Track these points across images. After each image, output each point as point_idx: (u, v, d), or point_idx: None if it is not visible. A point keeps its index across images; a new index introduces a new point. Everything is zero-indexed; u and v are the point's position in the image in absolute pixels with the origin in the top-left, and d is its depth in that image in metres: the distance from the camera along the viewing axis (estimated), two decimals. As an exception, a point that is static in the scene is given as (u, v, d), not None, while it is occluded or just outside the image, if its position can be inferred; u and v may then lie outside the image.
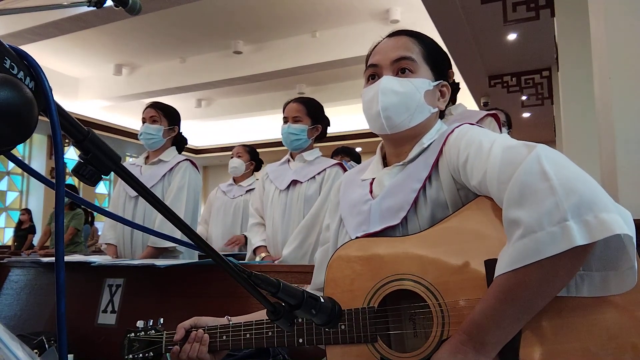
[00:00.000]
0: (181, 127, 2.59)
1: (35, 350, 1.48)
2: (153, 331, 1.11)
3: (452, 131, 0.99)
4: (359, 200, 1.06)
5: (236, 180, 3.58)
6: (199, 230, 3.50)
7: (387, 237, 0.97)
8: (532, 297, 0.75)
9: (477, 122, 1.39)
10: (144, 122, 2.45)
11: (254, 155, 3.63)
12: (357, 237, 0.99)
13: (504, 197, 0.78)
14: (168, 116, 2.49)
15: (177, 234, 1.70)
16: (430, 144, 1.02)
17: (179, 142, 2.59)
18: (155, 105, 2.49)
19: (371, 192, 1.06)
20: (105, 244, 2.44)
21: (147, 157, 2.54)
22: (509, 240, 0.76)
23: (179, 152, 2.57)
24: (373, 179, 1.08)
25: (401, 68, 1.01)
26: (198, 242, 0.55)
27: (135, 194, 2.38)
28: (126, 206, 2.41)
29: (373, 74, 1.05)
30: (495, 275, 0.77)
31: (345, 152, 3.80)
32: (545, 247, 0.70)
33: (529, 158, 0.76)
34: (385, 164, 1.10)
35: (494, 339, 0.78)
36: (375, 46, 1.09)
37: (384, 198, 1.00)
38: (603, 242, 0.72)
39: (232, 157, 3.64)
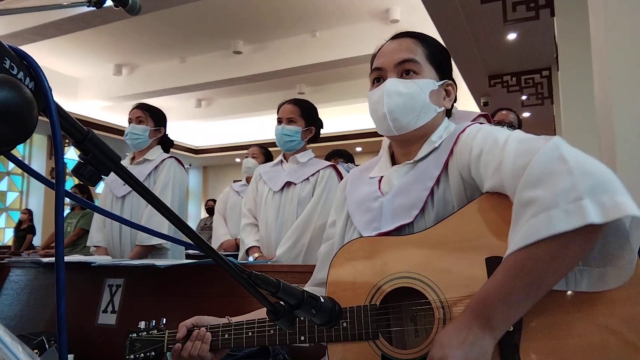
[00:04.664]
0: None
1: (35, 350, 1.48)
2: (155, 331, 1.11)
3: (464, 130, 1.00)
4: (368, 197, 1.07)
5: (249, 180, 3.61)
6: (216, 221, 3.57)
7: (392, 235, 0.98)
8: (542, 272, 0.75)
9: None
10: (130, 123, 2.45)
11: (269, 157, 3.66)
12: (368, 236, 1.00)
13: (520, 182, 0.78)
14: (154, 117, 2.48)
15: (164, 230, 1.83)
16: (441, 143, 1.03)
17: (165, 144, 2.57)
18: (141, 106, 2.49)
19: (379, 189, 1.07)
20: (94, 246, 2.44)
21: (132, 158, 2.53)
22: (520, 219, 0.77)
23: (166, 152, 2.56)
24: (381, 177, 1.09)
25: (405, 70, 1.02)
26: (197, 242, 0.55)
27: (122, 194, 2.40)
28: (113, 207, 2.41)
29: (378, 77, 1.06)
30: (505, 254, 0.78)
31: (339, 154, 3.81)
32: (558, 223, 0.71)
33: (548, 145, 0.78)
34: (393, 162, 1.11)
35: (501, 316, 0.77)
36: (379, 49, 1.09)
37: (396, 196, 1.01)
38: (603, 239, 0.74)
39: (246, 157, 3.67)
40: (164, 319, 1.13)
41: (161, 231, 0.58)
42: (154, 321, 1.13)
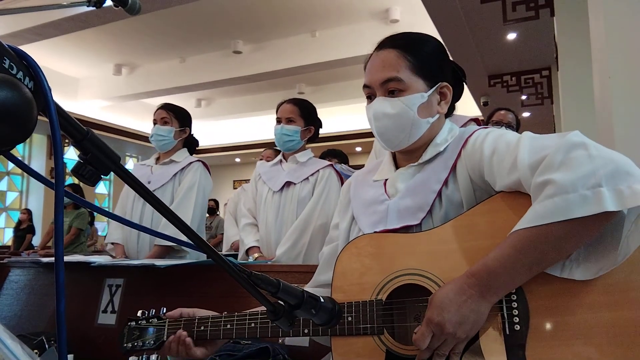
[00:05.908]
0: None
1: (35, 350, 1.48)
2: (155, 320, 1.08)
3: (472, 134, 1.01)
4: (374, 200, 1.07)
5: None
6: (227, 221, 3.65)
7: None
8: (549, 250, 0.77)
9: (461, 127, 1.39)
10: (155, 124, 2.44)
11: None
12: (376, 232, 1.00)
13: (537, 171, 0.79)
14: (179, 117, 2.48)
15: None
16: (447, 146, 1.04)
17: (190, 144, 2.57)
18: (166, 107, 2.48)
19: (385, 192, 1.07)
20: (112, 243, 2.41)
21: (157, 158, 2.53)
22: (536, 198, 0.78)
23: (191, 154, 2.56)
24: (386, 180, 1.10)
25: (389, 90, 1.02)
26: (197, 242, 0.55)
27: None
28: (135, 205, 2.39)
29: (369, 94, 1.07)
30: (515, 229, 0.79)
31: (333, 154, 3.80)
32: (575, 208, 0.73)
33: (571, 134, 0.80)
34: (396, 164, 1.12)
35: (500, 285, 0.80)
36: (368, 59, 1.09)
37: (403, 198, 1.02)
38: (610, 239, 0.76)
39: (260, 159, 3.69)
40: (164, 308, 1.11)
41: (179, 234, 0.58)
42: (154, 310, 1.10)
